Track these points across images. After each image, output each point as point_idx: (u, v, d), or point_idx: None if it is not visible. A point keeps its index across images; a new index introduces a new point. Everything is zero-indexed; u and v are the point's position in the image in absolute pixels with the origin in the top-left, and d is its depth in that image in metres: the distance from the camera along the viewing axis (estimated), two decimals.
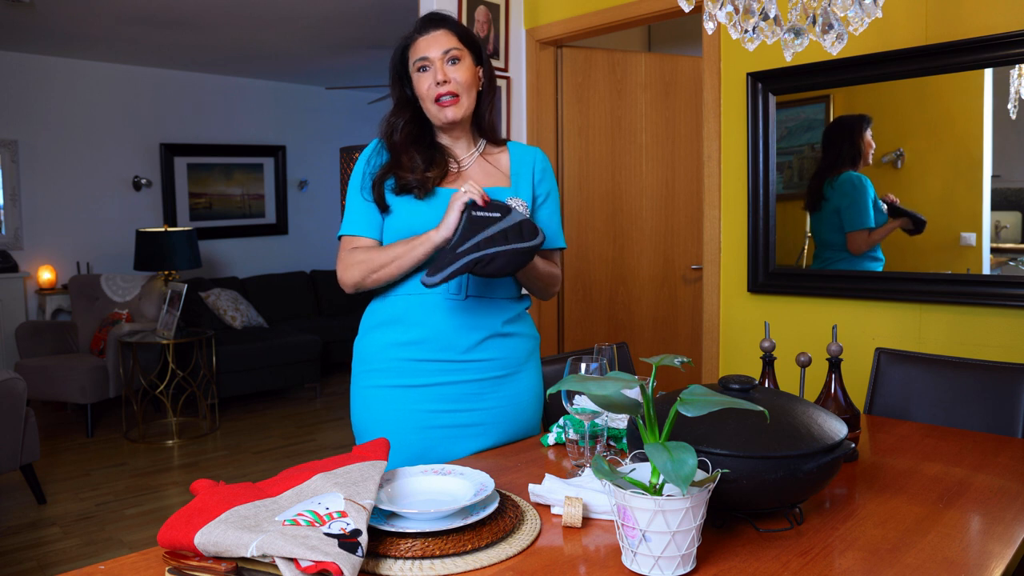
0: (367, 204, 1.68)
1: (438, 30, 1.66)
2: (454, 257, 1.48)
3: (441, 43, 1.65)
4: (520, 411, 1.72)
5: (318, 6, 4.60)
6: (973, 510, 1.29)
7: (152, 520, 3.46)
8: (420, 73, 1.65)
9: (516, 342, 1.71)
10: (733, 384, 1.28)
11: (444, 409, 1.64)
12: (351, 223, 1.69)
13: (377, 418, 1.65)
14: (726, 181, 2.97)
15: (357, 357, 1.73)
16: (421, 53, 1.65)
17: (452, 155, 1.72)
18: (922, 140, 2.47)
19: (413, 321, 1.63)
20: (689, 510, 1.00)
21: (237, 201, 6.88)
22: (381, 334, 1.67)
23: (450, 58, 1.64)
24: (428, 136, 1.72)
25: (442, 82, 1.63)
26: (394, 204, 1.65)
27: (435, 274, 1.47)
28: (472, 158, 1.74)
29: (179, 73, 6.40)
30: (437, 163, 1.67)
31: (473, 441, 1.66)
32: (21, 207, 5.65)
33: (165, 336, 4.72)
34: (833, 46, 1.42)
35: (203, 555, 0.99)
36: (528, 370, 1.74)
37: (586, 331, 3.77)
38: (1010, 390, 1.88)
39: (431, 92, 1.64)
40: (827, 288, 2.68)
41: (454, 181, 1.69)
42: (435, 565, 1.06)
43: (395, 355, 1.64)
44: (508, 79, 3.55)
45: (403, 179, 1.64)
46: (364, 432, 1.68)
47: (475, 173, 1.72)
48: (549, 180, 1.80)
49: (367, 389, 1.68)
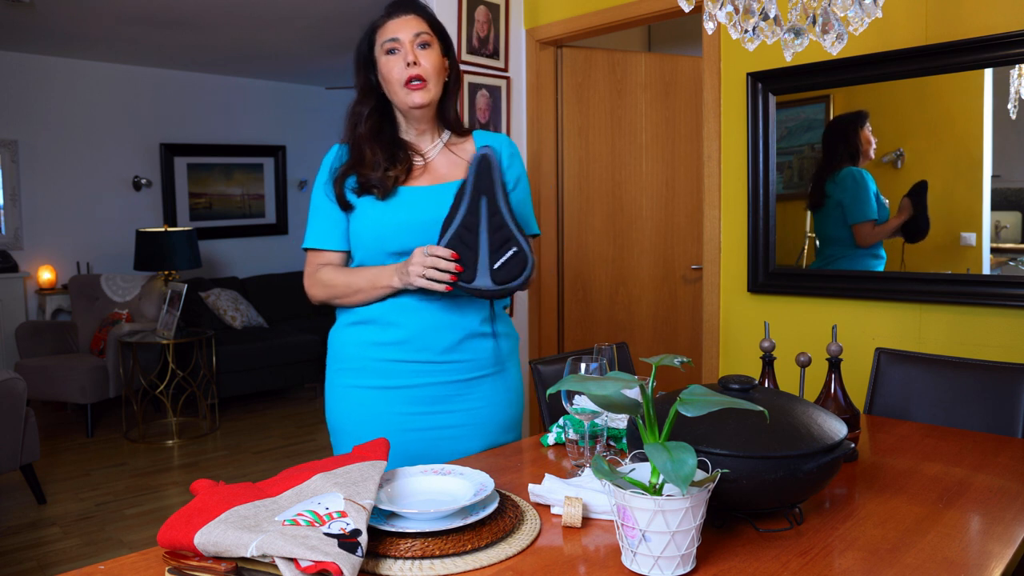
0: (332, 212, 1.64)
1: (408, 14, 1.62)
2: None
3: (412, 26, 1.61)
4: (501, 412, 1.69)
5: (318, 6, 4.59)
6: (973, 510, 1.29)
7: (152, 520, 3.46)
8: (389, 56, 1.61)
9: (495, 342, 1.68)
10: (733, 384, 1.28)
11: (422, 411, 1.61)
12: (317, 235, 1.66)
13: (355, 419, 1.63)
14: (726, 181, 2.97)
15: (333, 353, 1.70)
16: (391, 34, 1.60)
17: (415, 149, 1.67)
18: (922, 140, 2.47)
19: (389, 321, 1.60)
20: (689, 510, 1.00)
21: (237, 201, 6.88)
22: (357, 332, 1.64)
23: (420, 42, 1.60)
24: (390, 130, 1.68)
25: (412, 63, 1.58)
26: (356, 204, 1.62)
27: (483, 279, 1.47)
28: (436, 149, 1.69)
29: (179, 73, 6.40)
30: (400, 160, 1.62)
31: (453, 443, 1.64)
32: (21, 207, 5.65)
33: (165, 336, 4.72)
34: (833, 46, 1.42)
35: (203, 555, 0.99)
36: (508, 370, 1.72)
37: (586, 331, 3.77)
38: (1010, 390, 1.88)
39: (401, 75, 1.59)
40: (827, 288, 2.68)
41: (419, 177, 1.65)
42: (435, 565, 1.06)
43: (372, 355, 1.62)
44: (508, 79, 3.55)
45: (364, 177, 1.60)
46: (340, 431, 1.66)
47: (440, 165, 1.67)
48: (518, 166, 1.74)
49: (344, 389, 1.65)
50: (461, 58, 3.35)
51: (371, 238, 1.60)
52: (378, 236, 1.60)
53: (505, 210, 1.50)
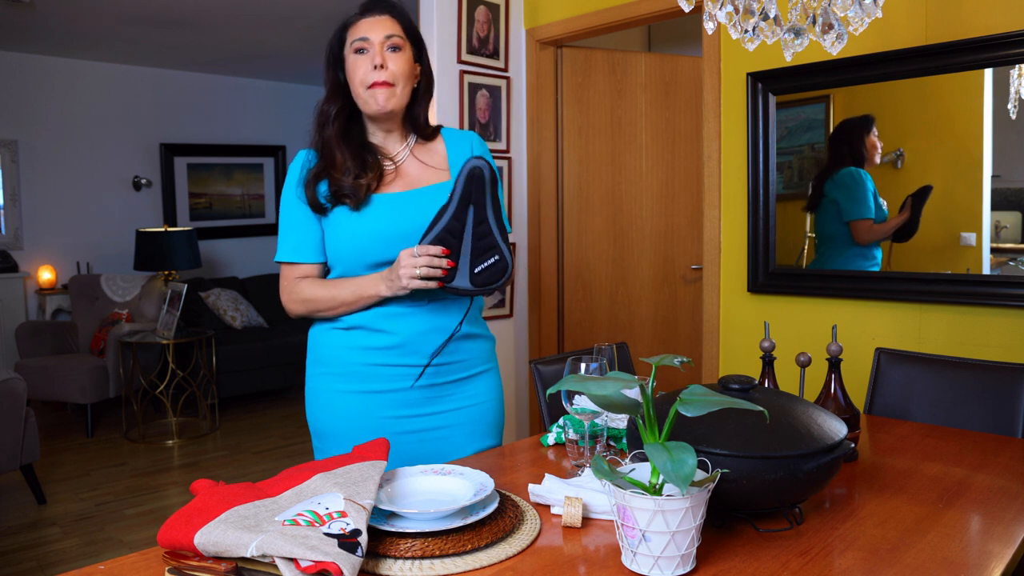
0: (306, 222, 1.59)
1: (383, 15, 1.58)
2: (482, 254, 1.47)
3: (384, 27, 1.56)
4: (483, 415, 1.68)
5: (318, 6, 4.59)
6: (973, 510, 1.29)
7: (152, 520, 3.46)
8: (357, 55, 1.56)
9: (476, 344, 1.67)
10: (733, 384, 1.28)
11: (408, 415, 1.60)
12: (290, 248, 1.61)
13: (340, 424, 1.61)
14: (726, 181, 2.97)
15: (315, 356, 1.66)
16: (361, 33, 1.56)
17: (384, 153, 1.63)
18: (922, 140, 2.47)
19: (378, 328, 1.57)
20: (689, 510, 1.00)
21: (237, 201, 6.88)
22: (343, 337, 1.61)
23: (391, 45, 1.56)
24: (359, 133, 1.63)
25: (379, 66, 1.54)
26: (329, 211, 1.57)
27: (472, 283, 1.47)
28: (405, 152, 1.65)
29: (179, 73, 6.40)
30: (370, 166, 1.58)
31: (438, 444, 1.63)
32: (21, 207, 5.65)
33: (165, 336, 4.72)
34: (833, 46, 1.42)
35: (203, 555, 0.99)
36: (489, 373, 1.71)
37: (586, 331, 3.77)
38: (1010, 390, 1.88)
39: (365, 76, 1.55)
40: (827, 288, 2.68)
41: (392, 183, 1.61)
42: (435, 565, 1.06)
43: (359, 359, 1.59)
44: (508, 79, 3.55)
45: (336, 184, 1.55)
46: (325, 435, 1.64)
47: (412, 169, 1.64)
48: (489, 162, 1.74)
49: (329, 394, 1.62)
50: (461, 58, 3.35)
51: (349, 251, 1.56)
52: (356, 248, 1.56)
53: (493, 221, 1.49)
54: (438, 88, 3.30)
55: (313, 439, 1.69)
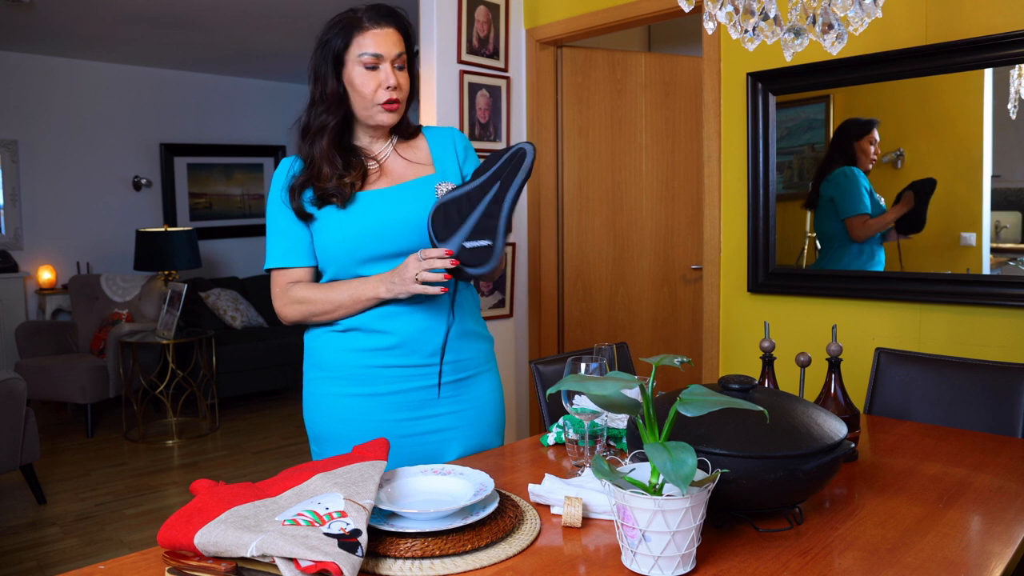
0: (293, 228, 1.59)
1: (390, 27, 1.57)
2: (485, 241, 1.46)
3: (394, 43, 1.56)
4: (483, 415, 1.68)
5: (318, 6, 4.59)
6: (973, 510, 1.29)
7: (152, 520, 3.46)
8: (367, 71, 1.55)
9: (476, 343, 1.67)
10: (733, 384, 1.28)
11: (408, 417, 1.59)
12: (281, 254, 1.60)
13: (341, 428, 1.59)
14: (726, 181, 2.97)
15: (313, 360, 1.65)
16: (374, 49, 1.54)
17: (367, 154, 1.64)
18: (922, 140, 2.47)
19: (375, 329, 1.56)
20: (689, 510, 1.00)
21: (237, 201, 6.88)
22: (340, 339, 1.59)
23: (400, 64, 1.57)
24: (347, 137, 1.63)
25: (394, 87, 1.55)
26: (317, 216, 1.57)
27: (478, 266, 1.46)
28: (388, 150, 1.65)
29: (179, 73, 6.40)
30: (354, 166, 1.58)
31: (438, 447, 1.62)
32: (21, 207, 5.65)
33: (165, 336, 4.72)
34: (833, 46, 1.42)
35: (203, 555, 0.99)
36: (488, 374, 1.70)
37: (586, 331, 3.77)
38: (1010, 390, 1.88)
39: (379, 96, 1.55)
40: (827, 288, 2.68)
41: (377, 180, 1.61)
42: (435, 565, 1.06)
43: (357, 362, 1.58)
44: (508, 79, 3.55)
45: (321, 189, 1.55)
46: (324, 439, 1.62)
47: (396, 167, 1.64)
48: (473, 157, 1.72)
49: (330, 397, 1.61)
50: (461, 58, 3.35)
51: (340, 249, 1.56)
52: (347, 245, 1.55)
53: (506, 208, 1.48)
54: (438, 88, 3.30)
55: (311, 444, 1.68)
